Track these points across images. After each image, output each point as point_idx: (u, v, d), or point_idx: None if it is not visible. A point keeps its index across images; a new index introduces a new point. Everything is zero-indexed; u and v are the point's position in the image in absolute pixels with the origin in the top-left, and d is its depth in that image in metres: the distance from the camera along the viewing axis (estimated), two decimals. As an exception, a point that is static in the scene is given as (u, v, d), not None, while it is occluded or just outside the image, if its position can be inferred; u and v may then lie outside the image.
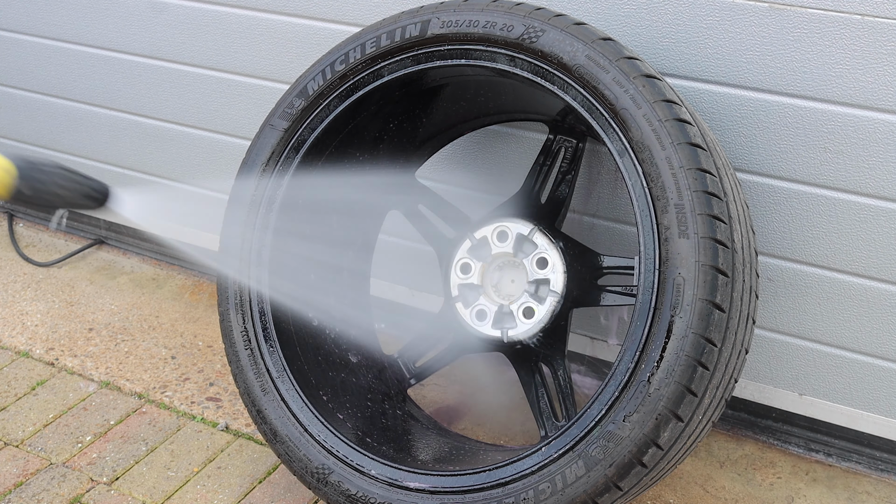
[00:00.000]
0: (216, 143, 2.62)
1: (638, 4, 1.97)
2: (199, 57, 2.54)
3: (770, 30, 1.87)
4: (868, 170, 1.89)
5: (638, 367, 1.60)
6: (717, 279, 1.58)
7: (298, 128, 1.99)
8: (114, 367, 2.44)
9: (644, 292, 1.62)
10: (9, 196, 1.57)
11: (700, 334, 1.57)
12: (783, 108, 1.92)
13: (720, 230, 1.60)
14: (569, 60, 1.73)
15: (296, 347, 2.01)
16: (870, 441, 2.10)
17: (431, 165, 2.28)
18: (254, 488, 2.07)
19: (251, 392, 1.94)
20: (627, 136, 1.67)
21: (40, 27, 2.77)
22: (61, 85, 2.81)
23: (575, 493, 1.61)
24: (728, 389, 1.70)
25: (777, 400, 2.16)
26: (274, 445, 1.92)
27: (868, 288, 1.98)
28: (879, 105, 1.84)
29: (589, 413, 1.63)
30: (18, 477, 2.09)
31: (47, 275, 2.85)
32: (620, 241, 2.17)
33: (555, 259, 1.94)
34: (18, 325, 2.61)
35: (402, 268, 2.48)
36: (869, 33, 1.80)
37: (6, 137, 3.01)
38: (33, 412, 2.29)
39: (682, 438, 1.62)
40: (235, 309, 1.98)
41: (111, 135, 2.80)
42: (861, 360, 2.04)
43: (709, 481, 2.09)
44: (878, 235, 1.93)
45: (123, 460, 2.14)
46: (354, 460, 1.83)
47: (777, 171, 1.97)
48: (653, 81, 1.68)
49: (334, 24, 2.31)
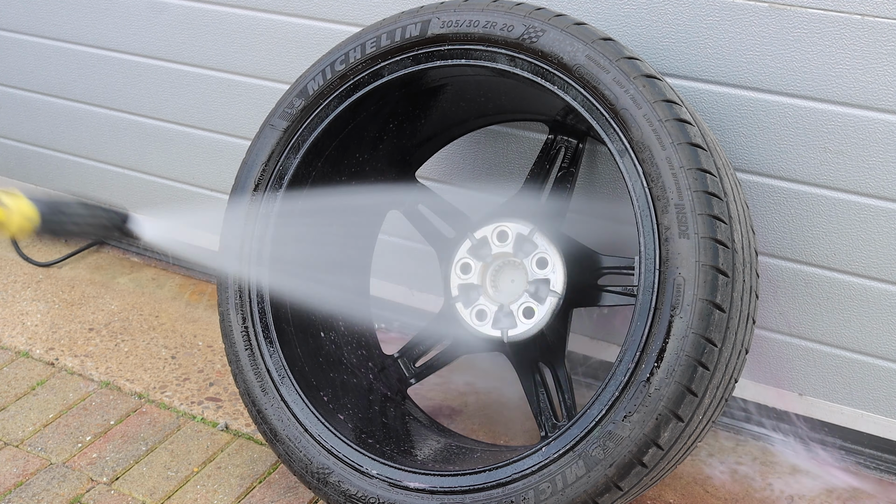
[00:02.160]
0: (216, 143, 2.62)
1: (638, 4, 1.97)
2: (199, 57, 2.54)
3: (770, 30, 1.87)
4: (868, 170, 1.89)
5: (638, 367, 1.60)
6: (718, 279, 1.58)
7: (298, 128, 1.99)
8: (114, 367, 2.44)
9: (644, 292, 1.62)
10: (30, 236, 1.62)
11: (700, 334, 1.57)
12: (783, 108, 1.92)
13: (720, 230, 1.60)
14: (569, 60, 1.73)
15: (296, 348, 2.01)
16: (870, 441, 2.10)
17: (431, 165, 2.28)
18: (254, 488, 2.07)
19: (251, 392, 1.94)
20: (628, 136, 1.67)
21: (40, 27, 2.77)
22: (61, 85, 2.81)
23: (575, 493, 1.61)
24: (728, 389, 1.70)
25: (777, 400, 2.16)
26: (274, 445, 1.92)
27: (868, 288, 1.98)
28: (879, 105, 1.84)
29: (589, 413, 1.63)
30: (18, 477, 2.09)
31: (47, 275, 2.85)
32: (620, 241, 2.17)
33: (555, 259, 1.94)
34: (18, 324, 2.61)
35: (402, 268, 2.48)
36: (869, 33, 1.80)
37: (6, 137, 3.01)
38: (33, 412, 2.29)
39: (682, 438, 1.62)
40: (235, 309, 1.98)
41: (111, 135, 2.80)
42: (861, 360, 2.04)
43: (709, 481, 2.09)
44: (878, 235, 1.93)
45: (123, 460, 2.14)
46: (354, 460, 1.83)
47: (777, 171, 1.97)
48: (653, 81, 1.68)
49: (334, 24, 2.31)
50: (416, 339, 2.17)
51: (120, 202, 2.88)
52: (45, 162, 2.96)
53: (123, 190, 2.85)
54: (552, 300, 1.93)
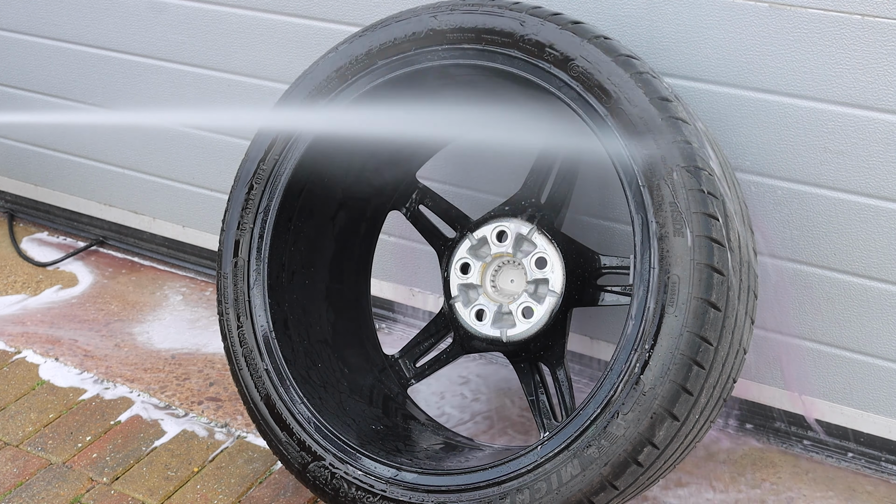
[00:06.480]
0: (216, 143, 2.62)
1: (638, 4, 1.97)
2: (199, 57, 2.54)
3: (770, 30, 1.87)
4: (868, 170, 1.89)
5: (633, 366, 1.60)
6: (713, 277, 1.58)
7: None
8: (114, 367, 2.44)
9: (639, 291, 1.62)
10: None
11: (695, 333, 1.56)
12: (783, 108, 1.91)
13: (715, 228, 1.60)
14: (568, 60, 1.73)
15: (295, 347, 2.01)
16: (870, 441, 2.10)
17: (431, 165, 2.28)
18: (253, 488, 2.07)
19: (250, 392, 1.94)
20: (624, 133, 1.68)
21: (40, 27, 2.77)
22: (61, 85, 2.81)
23: (570, 492, 1.62)
24: (726, 389, 1.70)
25: (777, 400, 2.15)
26: (273, 445, 1.92)
27: (868, 288, 1.97)
28: (879, 105, 1.83)
29: (584, 412, 1.63)
30: (18, 477, 2.10)
31: (47, 275, 2.85)
32: (620, 241, 2.17)
33: (554, 259, 1.94)
34: (18, 324, 2.61)
35: (402, 268, 2.49)
36: (869, 33, 1.80)
37: (6, 137, 3.01)
38: (33, 412, 2.29)
39: (678, 438, 1.61)
40: (235, 309, 1.98)
41: (113, 135, 2.80)
42: (861, 360, 2.03)
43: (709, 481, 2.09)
44: (878, 235, 1.93)
45: (123, 460, 2.14)
46: (354, 459, 1.83)
47: (777, 171, 1.97)
48: (648, 79, 1.68)
49: (334, 24, 2.31)
50: (415, 339, 2.17)
51: (120, 202, 2.88)
52: (45, 162, 2.96)
53: (123, 190, 2.86)
54: (551, 300, 1.93)
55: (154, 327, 2.62)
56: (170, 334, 2.58)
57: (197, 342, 2.55)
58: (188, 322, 2.63)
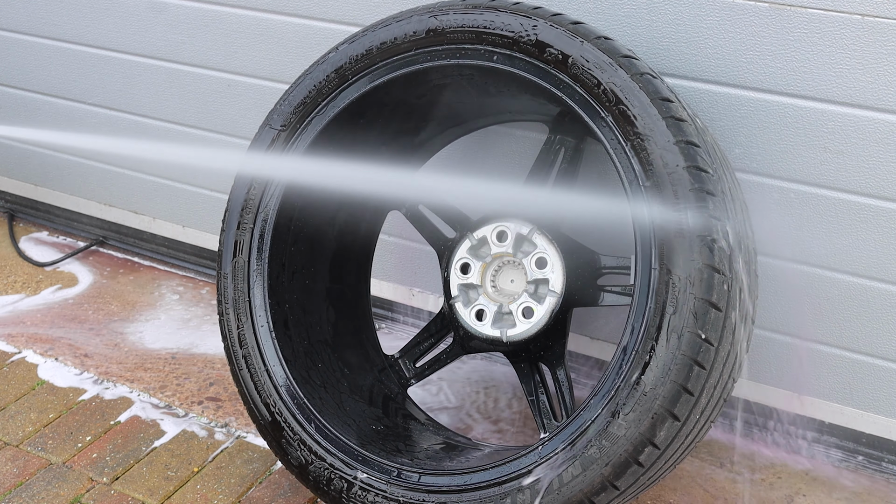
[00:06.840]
0: (216, 143, 2.62)
1: (638, 4, 1.97)
2: (199, 57, 2.54)
3: (770, 30, 1.87)
4: (868, 170, 1.89)
5: (634, 366, 1.60)
6: (714, 278, 1.58)
7: (298, 128, 2.00)
8: (114, 367, 2.44)
9: (640, 291, 1.62)
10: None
11: (696, 333, 1.57)
12: (783, 108, 1.91)
13: (717, 229, 1.60)
14: (568, 60, 1.73)
15: (295, 347, 2.01)
16: (870, 441, 2.10)
17: (431, 165, 2.28)
18: (252, 488, 2.07)
19: (250, 392, 1.94)
20: (625, 133, 1.68)
21: (40, 27, 2.77)
22: (61, 85, 2.81)
23: (571, 492, 1.62)
24: (727, 389, 1.70)
25: (776, 400, 2.15)
26: (273, 445, 1.92)
27: (868, 288, 1.97)
28: (879, 105, 1.84)
29: (585, 412, 1.63)
30: (18, 477, 2.10)
31: (47, 275, 2.85)
32: (619, 241, 2.17)
33: (554, 259, 1.94)
34: (19, 324, 2.61)
35: (402, 268, 2.49)
36: (869, 33, 1.80)
37: (7, 138, 3.01)
38: (33, 412, 2.29)
39: (679, 438, 1.62)
40: (234, 308, 1.98)
41: (112, 135, 2.80)
42: (861, 360, 2.03)
43: (709, 481, 2.09)
44: (878, 235, 1.93)
45: (123, 460, 2.14)
46: (354, 459, 1.83)
47: (777, 171, 1.97)
48: (649, 79, 1.68)
49: (334, 24, 2.31)
50: (415, 339, 2.17)
51: (120, 202, 2.88)
52: (45, 162, 2.96)
53: (123, 190, 2.86)
54: (551, 300, 1.93)
55: (150, 327, 2.62)
56: (168, 333, 2.58)
57: (192, 341, 2.55)
58: (183, 321, 2.63)
